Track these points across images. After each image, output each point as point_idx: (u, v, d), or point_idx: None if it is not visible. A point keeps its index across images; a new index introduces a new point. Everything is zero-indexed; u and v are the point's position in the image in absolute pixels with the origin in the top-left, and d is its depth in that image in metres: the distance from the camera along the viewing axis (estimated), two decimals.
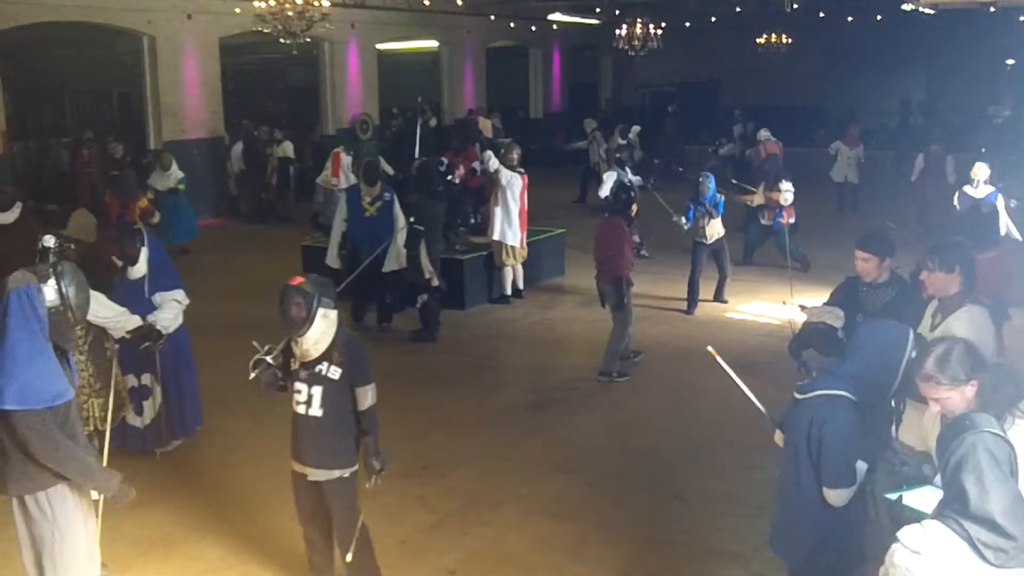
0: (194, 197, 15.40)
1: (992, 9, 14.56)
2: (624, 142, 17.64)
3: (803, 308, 5.29)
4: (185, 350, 7.04)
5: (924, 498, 3.52)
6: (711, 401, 8.12)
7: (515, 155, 11.41)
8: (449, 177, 12.80)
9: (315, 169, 16.59)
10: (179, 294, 6.78)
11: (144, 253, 6.68)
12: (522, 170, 11.37)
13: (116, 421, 5.71)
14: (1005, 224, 9.99)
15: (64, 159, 19.28)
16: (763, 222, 12.85)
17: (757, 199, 12.82)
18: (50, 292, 3.92)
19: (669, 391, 8.41)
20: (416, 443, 7.10)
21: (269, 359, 4.66)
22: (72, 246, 6.73)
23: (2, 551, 5.46)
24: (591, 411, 8.06)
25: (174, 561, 5.46)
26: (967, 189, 10.75)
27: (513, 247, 11.25)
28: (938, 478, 3.54)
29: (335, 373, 4.62)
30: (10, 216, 8.67)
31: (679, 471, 6.69)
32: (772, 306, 11.00)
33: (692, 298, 10.93)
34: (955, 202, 10.88)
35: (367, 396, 4.68)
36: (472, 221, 12.20)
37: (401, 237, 9.92)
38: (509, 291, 11.47)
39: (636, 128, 19.24)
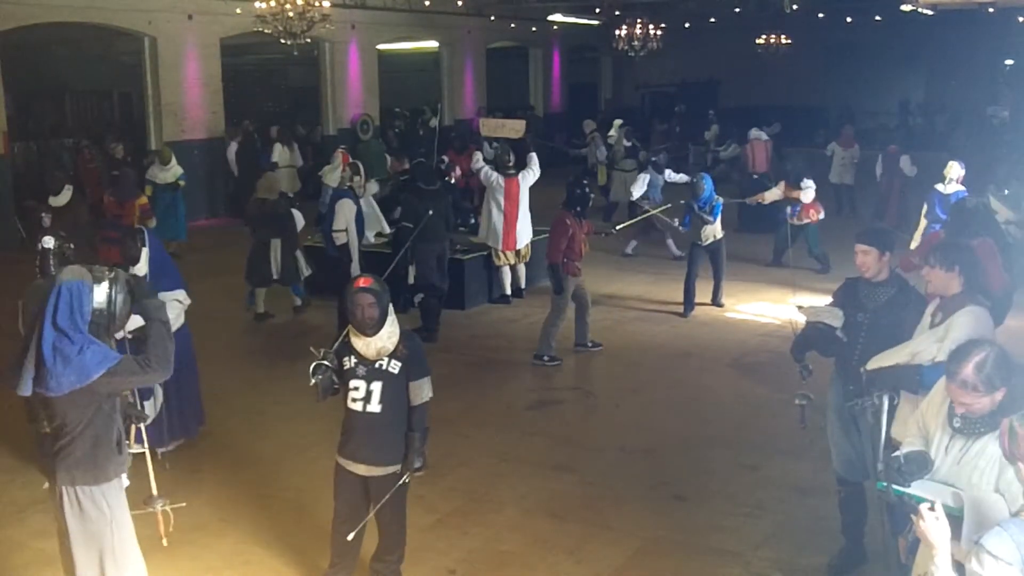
0: (195, 197, 15.43)
1: (991, 9, 14.60)
2: (629, 143, 17.62)
3: (801, 308, 5.29)
4: (186, 350, 7.03)
5: (917, 486, 3.53)
6: (710, 401, 8.15)
7: (507, 157, 11.40)
8: (447, 177, 12.82)
9: (315, 169, 16.58)
10: (180, 294, 6.79)
11: (145, 253, 6.68)
12: (513, 172, 11.31)
13: None
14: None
15: (65, 159, 19.28)
16: (793, 222, 12.78)
17: (771, 195, 12.76)
18: (100, 295, 3.94)
19: (669, 391, 8.42)
20: None
21: (327, 362, 4.67)
22: (72, 246, 6.75)
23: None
24: (591, 411, 8.07)
25: (174, 562, 5.46)
26: (938, 187, 10.87)
27: (495, 249, 11.24)
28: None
29: (395, 367, 4.65)
30: (62, 199, 8.78)
31: (679, 471, 6.70)
32: (772, 306, 11.02)
33: (688, 301, 10.86)
34: (924, 208, 10.93)
35: (422, 390, 4.72)
36: (472, 221, 12.21)
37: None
38: (508, 291, 11.48)
39: (618, 122, 19.24)
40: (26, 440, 6.75)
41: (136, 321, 6.27)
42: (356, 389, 4.70)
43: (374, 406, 4.67)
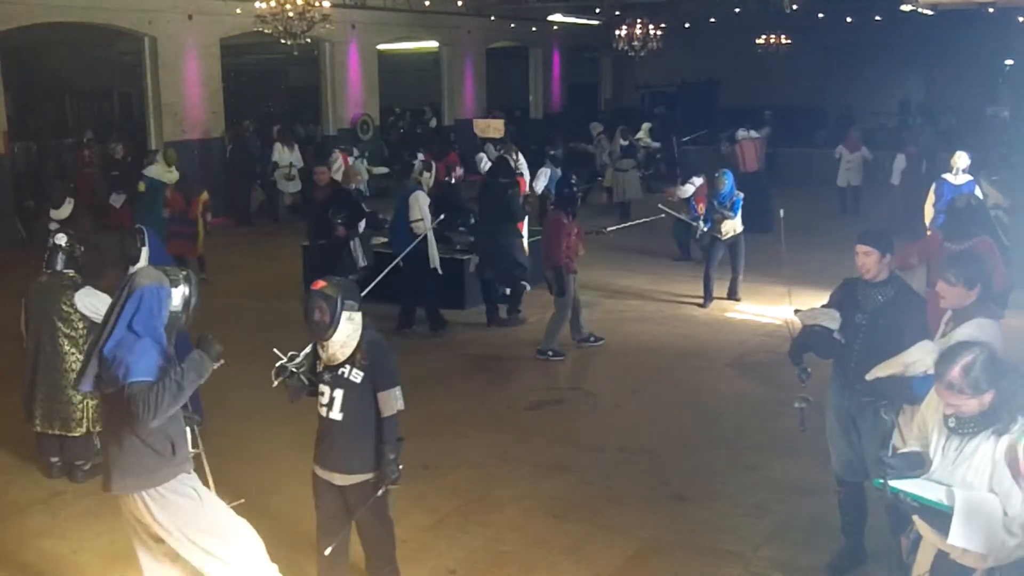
0: None
1: (991, 10, 14.61)
2: (626, 143, 17.65)
3: (798, 312, 5.28)
4: (186, 349, 7.01)
5: (914, 484, 3.54)
6: (710, 401, 8.15)
7: (514, 156, 11.44)
8: (448, 177, 12.84)
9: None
10: None
11: (145, 252, 6.69)
12: (521, 172, 11.39)
13: None
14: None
15: (65, 159, 19.30)
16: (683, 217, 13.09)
17: (680, 192, 13.09)
18: (177, 298, 4.04)
19: (669, 391, 8.42)
20: (416, 443, 7.06)
21: (292, 366, 4.60)
22: (82, 247, 6.77)
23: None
24: (591, 411, 8.07)
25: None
26: (947, 177, 10.80)
27: None
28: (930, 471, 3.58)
29: (357, 376, 4.55)
30: (64, 212, 8.84)
31: (679, 471, 6.70)
32: (772, 306, 11.01)
33: (707, 292, 11.11)
34: (932, 191, 10.89)
35: (389, 401, 4.58)
36: (472, 221, 12.20)
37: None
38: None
39: (647, 125, 19.30)
40: (26, 440, 6.76)
41: None
42: (322, 394, 4.64)
43: (336, 413, 4.59)
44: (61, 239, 6.58)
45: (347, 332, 4.49)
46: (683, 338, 10.01)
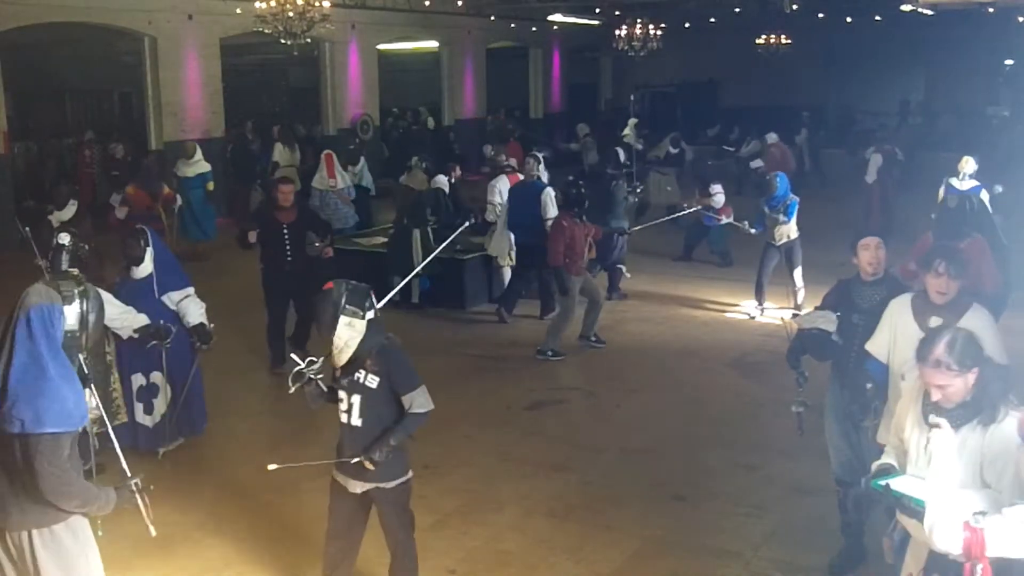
0: None
1: (991, 9, 14.61)
2: (676, 151, 17.43)
3: (795, 315, 5.32)
4: (190, 349, 7.04)
5: (908, 483, 3.55)
6: (711, 401, 8.15)
7: (503, 157, 11.48)
8: (448, 177, 12.83)
9: (314, 169, 16.59)
10: (191, 291, 6.85)
11: (149, 253, 6.70)
12: (511, 168, 11.39)
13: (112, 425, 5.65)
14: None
15: (65, 159, 19.31)
16: (718, 222, 13.07)
17: (694, 203, 13.12)
18: (72, 316, 3.64)
19: (669, 391, 8.42)
20: (416, 443, 7.09)
21: (309, 372, 4.54)
22: (86, 246, 6.78)
23: None
24: (591, 411, 8.07)
25: (174, 561, 5.47)
26: (953, 181, 10.75)
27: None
28: (911, 468, 3.59)
29: (372, 382, 4.52)
30: (67, 213, 8.87)
31: (679, 471, 6.70)
32: (772, 306, 11.01)
33: (759, 299, 10.78)
34: (940, 194, 10.84)
35: (417, 400, 4.57)
36: (472, 220, 12.19)
37: None
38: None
39: (633, 121, 19.27)
40: None
41: (141, 319, 6.34)
42: (342, 400, 4.61)
43: (355, 419, 4.57)
44: (65, 238, 6.61)
45: (344, 337, 4.42)
46: (683, 338, 10.02)
